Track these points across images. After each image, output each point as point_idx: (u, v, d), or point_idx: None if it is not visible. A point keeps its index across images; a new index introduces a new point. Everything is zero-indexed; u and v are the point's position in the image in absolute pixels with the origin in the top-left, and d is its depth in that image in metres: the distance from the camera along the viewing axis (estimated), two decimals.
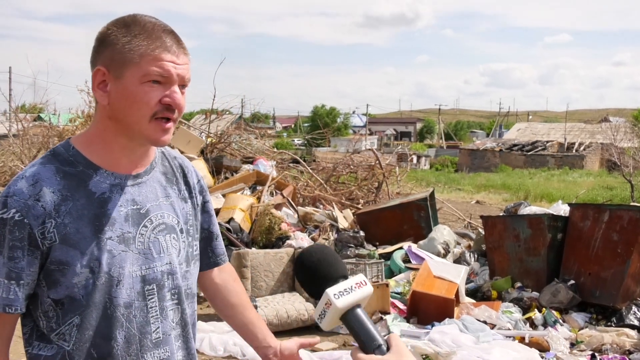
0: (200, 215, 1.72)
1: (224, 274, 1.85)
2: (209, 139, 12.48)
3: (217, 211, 9.38)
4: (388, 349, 1.17)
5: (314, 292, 1.25)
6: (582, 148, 41.06)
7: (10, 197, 1.40)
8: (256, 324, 1.81)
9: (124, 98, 1.44)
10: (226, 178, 10.90)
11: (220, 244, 1.82)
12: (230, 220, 8.91)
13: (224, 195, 10.01)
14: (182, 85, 1.48)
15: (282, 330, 6.18)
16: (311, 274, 1.26)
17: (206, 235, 1.76)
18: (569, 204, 7.94)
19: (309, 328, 6.09)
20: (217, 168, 11.07)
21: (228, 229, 8.70)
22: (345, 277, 1.24)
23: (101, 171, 1.49)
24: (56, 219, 1.41)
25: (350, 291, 1.19)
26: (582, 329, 6.26)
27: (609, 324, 6.38)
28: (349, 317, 1.19)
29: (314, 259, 1.27)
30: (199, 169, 10.85)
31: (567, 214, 7.41)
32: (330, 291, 1.19)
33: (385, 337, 1.19)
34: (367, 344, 1.17)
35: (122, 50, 1.43)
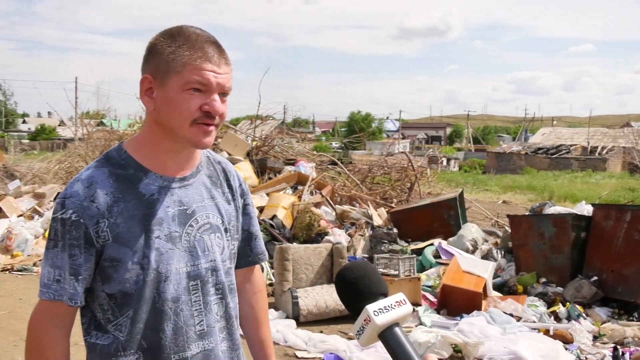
0: (242, 217, 1.71)
1: (255, 278, 1.82)
2: (255, 143, 12.57)
3: (262, 209, 9.44)
4: None
5: (354, 308, 1.18)
6: (604, 151, 40.04)
7: (67, 199, 1.43)
8: (265, 345, 1.80)
9: (167, 104, 1.45)
10: (270, 178, 10.97)
11: (260, 243, 1.79)
12: (274, 217, 8.96)
13: (268, 194, 10.07)
14: (223, 93, 1.48)
15: (321, 319, 6.19)
16: (351, 290, 1.20)
17: (246, 236, 1.74)
18: (592, 205, 7.77)
19: (346, 317, 6.08)
20: (261, 169, 11.14)
21: (271, 225, 8.75)
22: (385, 295, 1.18)
23: (150, 174, 1.49)
24: (109, 219, 1.42)
25: (390, 309, 1.13)
26: (604, 322, 6.10)
27: (630, 318, 6.22)
28: (387, 335, 1.13)
29: (354, 275, 1.21)
30: (245, 170, 10.98)
31: (590, 214, 7.25)
32: (370, 307, 1.12)
33: (423, 357, 1.14)
34: None
35: (167, 60, 1.44)
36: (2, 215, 10.20)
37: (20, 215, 10.27)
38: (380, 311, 1.12)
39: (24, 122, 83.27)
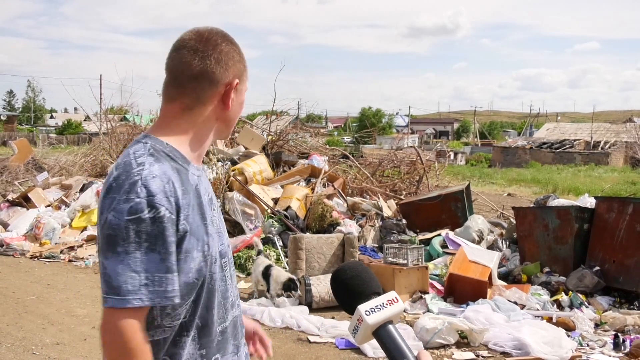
0: None
1: None
2: (270, 137, 12.59)
3: (276, 200, 9.46)
4: None
5: (348, 307, 1.17)
6: (607, 146, 39.64)
7: (154, 197, 1.33)
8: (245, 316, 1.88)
9: (240, 104, 1.57)
10: (284, 171, 10.98)
11: None
12: (288, 208, 8.98)
13: (282, 186, 10.08)
14: None
15: (333, 306, 6.19)
16: (345, 290, 1.20)
17: None
18: (595, 197, 7.70)
19: None
20: (276, 162, 11.16)
21: (286, 216, 8.76)
22: (379, 294, 1.17)
23: (191, 165, 1.50)
24: (184, 212, 1.38)
25: (381, 308, 1.12)
26: (606, 311, 6.05)
27: (631, 307, 6.16)
28: (380, 333, 1.13)
29: (347, 276, 1.20)
30: (261, 163, 11.01)
31: (593, 206, 7.18)
32: (362, 307, 1.12)
33: (416, 354, 1.13)
34: (398, 359, 1.11)
35: (242, 65, 1.55)
36: (31, 206, 10.30)
37: (48, 206, 10.37)
38: (372, 310, 1.12)
39: (51, 117, 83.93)
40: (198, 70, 1.48)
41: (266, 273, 6.32)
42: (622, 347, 5.10)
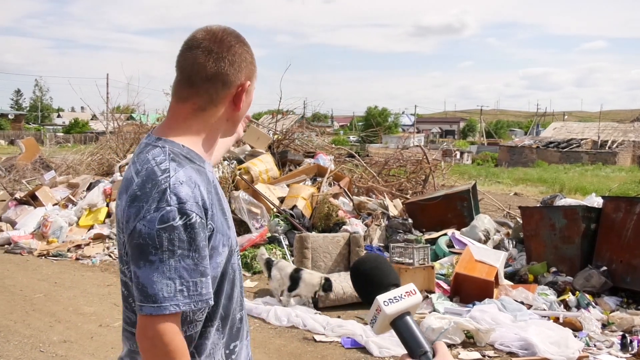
0: None
1: None
2: (276, 136, 12.58)
3: (282, 199, 9.46)
4: (434, 355, 1.13)
5: (367, 298, 1.20)
6: (614, 145, 39.43)
7: (185, 204, 1.35)
8: None
9: (248, 104, 1.58)
10: (290, 170, 10.98)
11: None
12: (294, 207, 8.97)
13: (288, 186, 10.08)
14: None
15: (339, 305, 6.20)
16: (365, 281, 1.22)
17: None
18: (602, 197, 7.65)
19: (362, 304, 6.04)
20: (282, 161, 11.16)
21: (292, 215, 8.76)
22: (397, 286, 1.19)
23: (206, 163, 1.53)
24: (210, 211, 1.42)
25: (399, 299, 1.15)
26: (613, 311, 6.02)
27: (639, 307, 6.13)
28: (398, 324, 1.15)
29: (367, 267, 1.23)
30: (267, 162, 11.01)
31: (600, 206, 7.14)
32: (381, 298, 1.14)
33: (432, 345, 1.15)
34: (414, 350, 1.13)
35: (253, 66, 1.56)
36: (38, 204, 10.35)
37: (56, 204, 10.41)
38: (390, 301, 1.14)
39: (58, 116, 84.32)
40: (212, 72, 1.48)
41: (295, 276, 6.16)
42: (630, 348, 5.08)
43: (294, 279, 6.11)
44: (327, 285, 6.06)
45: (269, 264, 6.48)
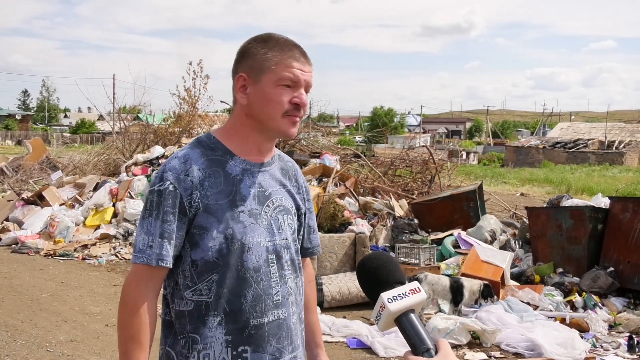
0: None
1: (308, 269, 1.90)
2: None
3: None
4: (436, 352, 1.14)
5: (373, 295, 1.21)
6: (621, 146, 39.25)
7: (165, 172, 1.56)
8: (315, 329, 1.90)
9: (262, 98, 1.59)
10: None
11: (317, 236, 1.89)
12: None
13: None
14: (306, 90, 1.63)
15: (344, 305, 6.19)
16: (370, 278, 1.23)
17: (306, 229, 1.84)
18: (609, 197, 7.62)
19: (368, 304, 6.05)
20: None
21: None
22: (402, 283, 1.20)
23: (236, 157, 1.62)
24: (201, 191, 1.55)
25: (404, 296, 1.16)
26: (620, 312, 6.00)
27: None
28: (402, 321, 1.16)
29: (373, 265, 1.24)
30: None
31: (607, 207, 7.11)
32: (385, 295, 1.16)
33: (435, 343, 1.16)
34: (417, 347, 1.14)
35: (260, 60, 1.58)
36: (45, 204, 10.39)
37: (62, 204, 10.45)
38: (395, 298, 1.16)
39: (65, 116, 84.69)
40: (232, 69, 1.66)
41: (455, 286, 6.04)
42: (637, 349, 5.05)
43: (455, 290, 6.07)
44: (488, 292, 6.00)
45: None
